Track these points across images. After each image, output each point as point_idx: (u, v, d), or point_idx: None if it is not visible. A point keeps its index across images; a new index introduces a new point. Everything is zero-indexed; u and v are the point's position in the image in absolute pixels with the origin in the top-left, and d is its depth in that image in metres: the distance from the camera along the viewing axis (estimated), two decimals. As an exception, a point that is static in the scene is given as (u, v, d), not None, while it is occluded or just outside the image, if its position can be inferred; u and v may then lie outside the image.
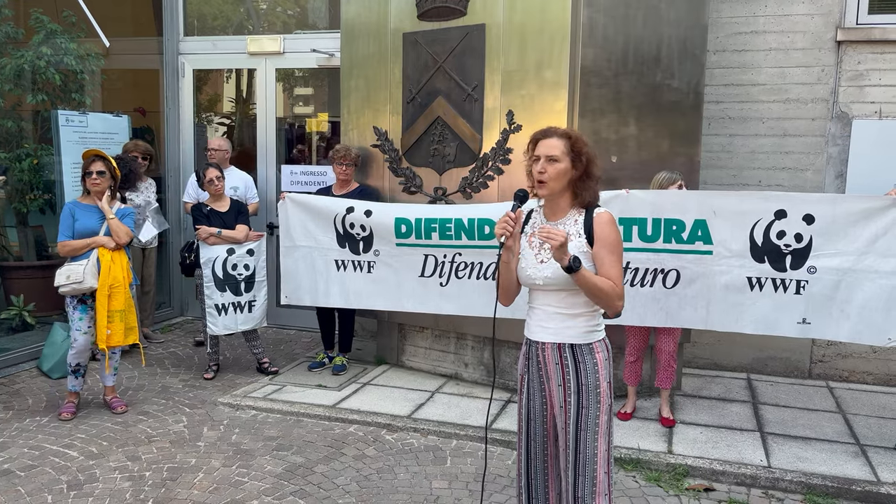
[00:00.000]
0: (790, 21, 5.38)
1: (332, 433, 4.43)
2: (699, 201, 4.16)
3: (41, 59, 6.12)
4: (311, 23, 7.29)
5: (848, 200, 3.98)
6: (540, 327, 2.60)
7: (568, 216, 2.58)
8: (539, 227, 2.55)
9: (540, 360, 2.61)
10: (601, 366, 2.55)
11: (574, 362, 2.54)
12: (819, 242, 3.96)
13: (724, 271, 4.13)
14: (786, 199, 4.03)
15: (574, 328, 2.55)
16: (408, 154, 5.30)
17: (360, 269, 4.99)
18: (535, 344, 2.62)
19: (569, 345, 2.55)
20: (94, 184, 4.53)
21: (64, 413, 4.58)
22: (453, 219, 4.58)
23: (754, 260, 4.07)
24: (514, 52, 4.73)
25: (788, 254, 4.01)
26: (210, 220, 5.27)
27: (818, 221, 3.94)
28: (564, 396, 2.55)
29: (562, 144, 2.50)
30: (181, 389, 5.19)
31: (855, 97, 5.30)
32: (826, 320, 4.01)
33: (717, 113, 5.57)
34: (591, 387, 2.52)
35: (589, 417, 2.52)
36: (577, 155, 2.50)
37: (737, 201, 4.12)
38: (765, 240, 4.03)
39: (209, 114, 7.92)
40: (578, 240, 2.52)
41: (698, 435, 4.36)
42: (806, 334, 4.11)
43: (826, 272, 3.97)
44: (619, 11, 4.62)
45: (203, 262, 5.24)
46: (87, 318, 4.55)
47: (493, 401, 4.89)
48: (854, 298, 3.93)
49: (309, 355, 5.99)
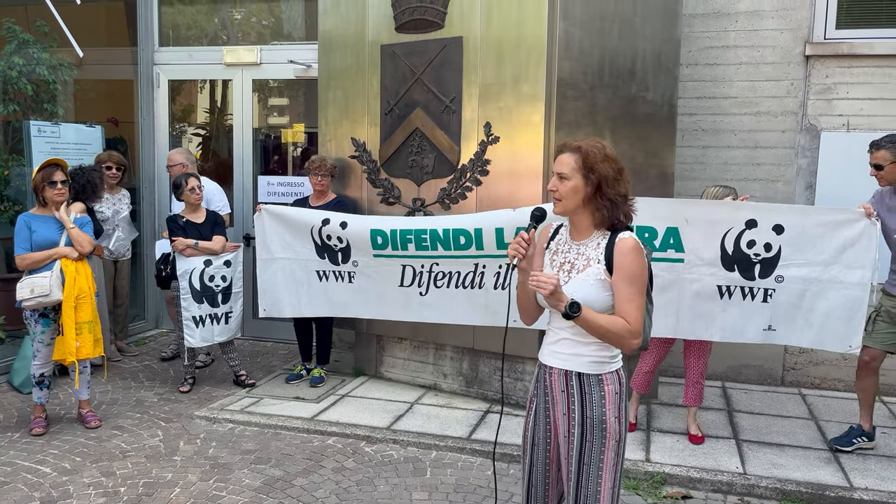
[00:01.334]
0: (760, 36, 5.51)
1: (311, 446, 4.40)
2: (672, 209, 4.18)
3: (13, 69, 6.04)
4: (286, 33, 7.29)
5: (817, 212, 4.08)
6: (550, 351, 2.47)
7: (591, 238, 2.40)
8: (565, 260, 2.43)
9: (547, 385, 2.47)
10: (609, 399, 2.37)
11: (580, 392, 2.39)
12: (788, 252, 4.03)
13: (696, 279, 4.17)
14: (757, 209, 4.10)
15: (584, 356, 2.39)
16: (386, 165, 5.31)
17: (341, 279, 4.98)
18: (544, 368, 2.49)
19: (576, 373, 2.39)
20: (60, 193, 4.45)
21: (35, 428, 4.49)
22: (428, 229, 4.59)
23: (725, 268, 4.12)
24: (491, 65, 4.78)
25: (758, 263, 4.07)
26: (186, 232, 5.22)
27: (788, 231, 4.00)
28: (569, 427, 2.41)
29: (572, 160, 2.33)
30: (156, 403, 5.12)
31: (823, 110, 5.43)
32: (791, 327, 4.10)
33: (691, 125, 5.67)
34: (597, 420, 2.36)
35: (593, 452, 2.37)
36: (589, 171, 2.31)
37: (709, 210, 4.16)
38: (735, 249, 4.09)
39: (184, 124, 7.86)
40: (597, 266, 2.34)
41: (675, 443, 4.41)
42: (770, 340, 4.18)
43: (793, 281, 4.04)
44: (595, 25, 4.69)
45: (180, 274, 5.19)
46: (50, 331, 4.47)
47: (471, 411, 4.91)
48: (818, 307, 4.03)
49: (286, 367, 5.95)
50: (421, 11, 5.01)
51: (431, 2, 4.97)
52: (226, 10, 7.45)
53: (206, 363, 6.05)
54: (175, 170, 5.86)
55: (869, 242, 3.89)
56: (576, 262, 2.40)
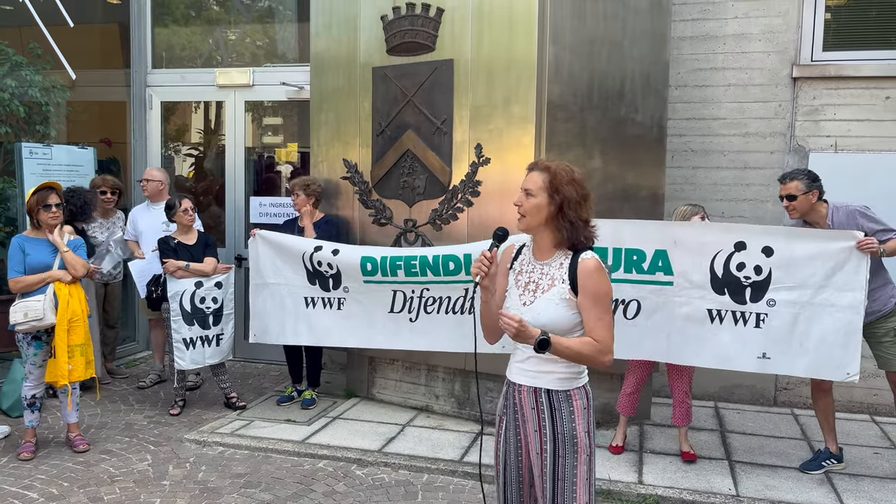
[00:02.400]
0: (748, 58, 5.57)
1: (302, 469, 4.36)
2: (660, 231, 4.16)
3: (5, 91, 6.04)
4: (280, 54, 7.34)
5: (806, 234, 4.03)
6: (518, 369, 2.51)
7: (554, 258, 2.45)
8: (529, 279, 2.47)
9: (516, 403, 2.52)
10: (578, 414, 2.43)
11: (550, 409, 2.44)
12: (778, 275, 3.97)
13: (685, 302, 4.13)
14: (746, 231, 4.07)
15: (552, 373, 2.44)
16: (378, 186, 5.32)
17: (329, 305, 4.97)
18: (513, 385, 2.53)
19: (545, 390, 2.44)
20: (55, 216, 4.45)
21: (23, 453, 4.45)
22: (418, 256, 4.61)
23: (714, 292, 4.07)
24: (482, 88, 4.81)
25: (748, 286, 4.01)
26: (177, 253, 5.21)
27: (777, 254, 3.96)
28: (541, 443, 2.45)
29: (540, 179, 2.40)
30: (146, 426, 5.08)
31: (811, 131, 5.49)
32: (785, 355, 3.99)
33: (680, 146, 5.71)
34: (568, 436, 2.42)
35: (566, 467, 2.42)
36: (554, 191, 2.37)
37: (697, 232, 4.13)
38: (725, 271, 4.04)
39: (177, 144, 7.88)
40: (561, 286, 2.39)
41: (668, 464, 4.39)
42: (765, 369, 4.09)
43: (785, 305, 3.97)
44: (584, 48, 4.74)
45: (170, 296, 5.17)
46: (42, 353, 4.45)
47: (464, 433, 4.88)
48: (812, 332, 3.93)
49: (277, 389, 5.91)
50: (412, 34, 5.05)
51: (422, 25, 5.01)
52: (220, 31, 7.50)
53: (197, 384, 6.01)
54: (151, 185, 5.92)
55: (859, 264, 3.84)
56: (540, 281, 2.44)
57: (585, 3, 4.72)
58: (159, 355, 6.21)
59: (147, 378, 6.09)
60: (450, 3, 4.91)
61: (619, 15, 4.82)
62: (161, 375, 6.14)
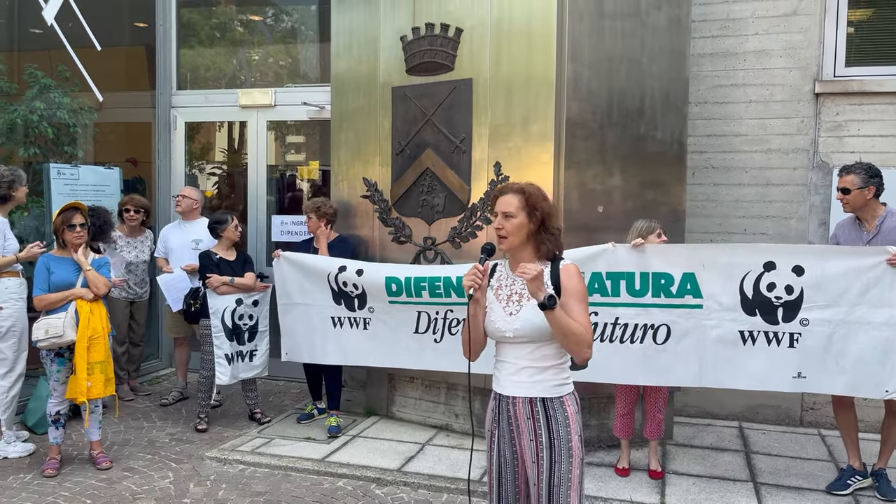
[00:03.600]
0: (769, 74, 5.53)
1: (321, 488, 4.36)
2: (687, 255, 4.16)
3: (34, 113, 6.19)
4: (302, 74, 7.43)
5: (837, 251, 3.99)
6: (510, 381, 2.59)
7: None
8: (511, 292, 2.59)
9: (510, 415, 2.60)
10: (572, 419, 2.55)
11: (546, 417, 2.54)
12: (810, 294, 3.93)
13: (716, 325, 4.10)
14: (774, 251, 4.04)
15: (544, 382, 2.55)
16: (397, 205, 5.35)
17: (356, 325, 5.00)
18: (506, 399, 2.61)
19: (540, 399, 2.54)
20: (79, 236, 4.53)
21: (47, 469, 4.50)
22: (442, 277, 4.61)
23: (745, 313, 4.04)
24: (500, 106, 4.83)
25: (780, 306, 3.98)
26: (220, 269, 5.29)
27: (808, 273, 3.92)
28: (537, 452, 2.54)
29: (516, 200, 2.55)
30: (168, 443, 5.11)
31: (835, 147, 5.42)
32: (821, 374, 3.95)
33: (701, 163, 5.67)
34: (563, 441, 2.52)
35: (562, 472, 2.52)
36: (532, 209, 2.54)
37: (725, 254, 4.11)
38: (755, 292, 4.02)
39: (201, 163, 7.99)
40: (547, 291, 2.51)
41: (691, 486, 4.32)
42: (802, 389, 4.06)
43: (819, 324, 3.93)
44: (603, 66, 4.74)
45: (212, 312, 5.24)
46: (65, 370, 4.52)
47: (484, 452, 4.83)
48: (849, 350, 3.89)
49: (298, 407, 5.93)
50: (431, 54, 5.10)
51: (441, 45, 5.06)
52: (243, 52, 7.63)
53: (219, 402, 6.04)
54: (186, 202, 6.01)
55: (893, 280, 3.79)
56: (523, 291, 2.56)
57: (604, 21, 4.73)
58: (182, 372, 6.27)
59: (170, 395, 6.14)
60: (468, 22, 4.95)
61: (638, 33, 4.83)
62: (183, 392, 6.19)
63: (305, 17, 7.62)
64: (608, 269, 4.23)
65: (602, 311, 4.27)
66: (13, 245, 4.82)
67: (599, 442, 4.93)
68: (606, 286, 4.25)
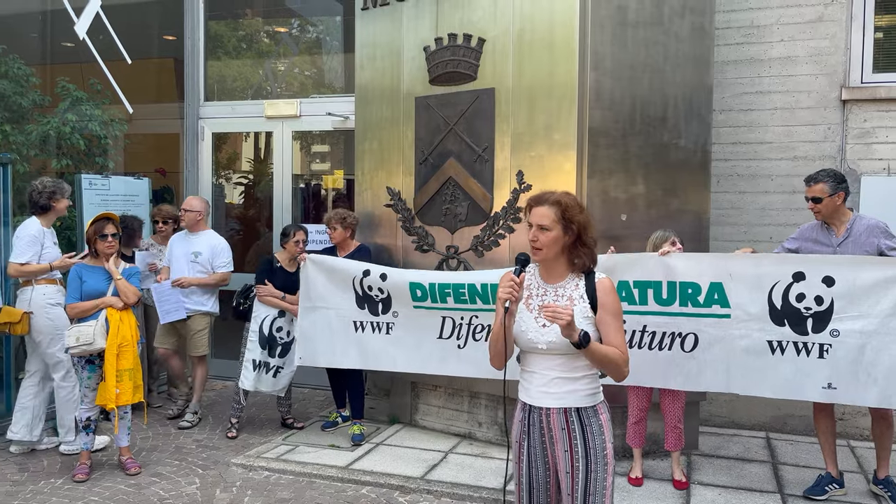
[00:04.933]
0: (794, 81, 5.48)
1: (345, 495, 4.39)
2: (714, 264, 4.13)
3: (66, 125, 6.34)
4: (327, 84, 7.52)
5: (868, 262, 3.92)
6: (542, 392, 2.57)
7: (567, 280, 2.60)
8: (543, 303, 2.55)
9: (543, 426, 2.58)
10: (605, 427, 2.56)
11: (581, 426, 2.54)
12: (841, 305, 3.88)
13: (744, 335, 4.07)
14: (804, 262, 3.99)
15: (579, 391, 2.55)
16: (420, 213, 5.39)
17: (378, 330, 5.02)
18: (538, 409, 2.59)
19: (575, 409, 2.54)
20: (110, 246, 4.63)
21: (78, 475, 4.59)
22: (466, 283, 4.63)
23: (774, 323, 4.00)
24: (523, 115, 4.85)
25: (809, 317, 3.94)
26: (275, 275, 5.38)
27: (839, 284, 3.87)
28: (571, 462, 2.53)
29: (552, 213, 2.51)
30: (194, 450, 5.18)
31: (862, 154, 5.36)
32: (852, 385, 3.89)
33: (726, 170, 5.63)
34: (599, 450, 2.53)
35: (597, 481, 2.52)
36: (568, 223, 2.51)
37: (753, 264, 4.08)
38: (784, 303, 3.98)
39: (228, 172, 8.12)
40: (583, 304, 2.54)
41: (717, 497, 4.28)
42: (831, 399, 4.01)
43: (850, 335, 3.87)
44: (625, 74, 4.74)
45: (254, 317, 5.35)
46: (95, 377, 4.61)
47: (507, 461, 4.84)
48: (881, 361, 3.82)
49: (322, 414, 5.98)
50: (454, 64, 5.14)
51: (464, 55, 5.10)
52: (269, 63, 7.75)
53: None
54: (189, 216, 5.73)
55: None
56: (556, 302, 2.56)
57: (626, 30, 4.73)
58: (184, 381, 6.16)
59: (174, 407, 6.04)
60: (491, 32, 4.98)
61: (661, 41, 4.82)
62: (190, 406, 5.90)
63: (330, 29, 7.73)
64: (635, 278, 4.22)
65: (630, 318, 4.25)
66: (50, 254, 4.95)
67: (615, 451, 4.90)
68: (634, 295, 4.25)
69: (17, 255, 4.83)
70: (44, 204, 4.95)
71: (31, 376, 5.08)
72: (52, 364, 4.97)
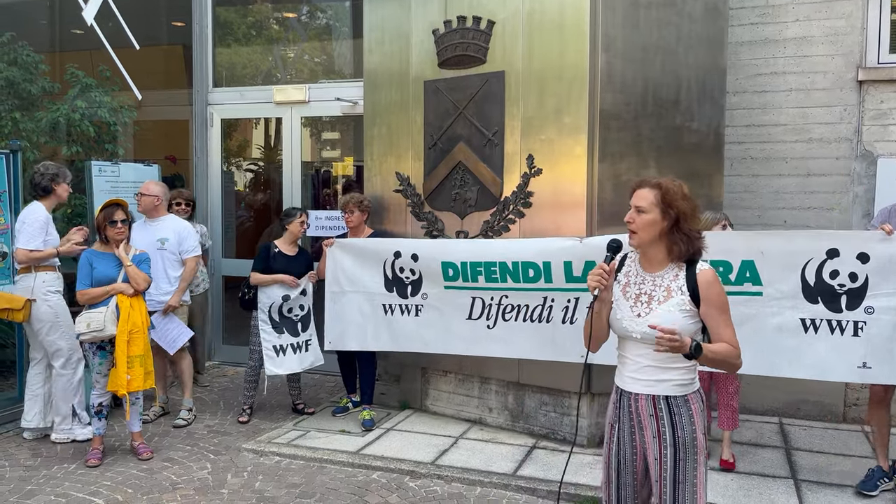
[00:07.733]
0: (810, 62, 5.39)
1: (356, 480, 4.40)
2: (745, 242, 4.07)
3: (76, 112, 6.34)
4: (336, 70, 7.48)
5: None
6: (632, 378, 2.57)
7: (667, 270, 2.54)
8: (640, 291, 2.53)
9: (632, 411, 2.58)
10: (697, 417, 2.52)
11: (669, 414, 2.51)
12: (875, 281, 3.81)
13: (776, 312, 4.00)
14: (838, 238, 3.93)
15: (670, 381, 2.51)
16: (430, 199, 5.35)
17: (407, 312, 5.01)
18: (628, 394, 2.59)
19: (664, 397, 2.52)
20: (120, 232, 4.64)
21: (91, 460, 4.62)
22: (497, 262, 4.60)
23: (807, 301, 3.94)
24: (533, 98, 4.80)
25: (843, 294, 3.87)
26: (275, 261, 5.36)
27: (873, 260, 3.80)
28: (660, 448, 2.52)
29: (651, 196, 2.47)
30: (206, 435, 5.21)
31: (879, 136, 5.27)
32: (888, 364, 3.82)
33: (740, 153, 5.56)
34: (689, 438, 2.50)
35: (686, 470, 2.50)
36: (668, 206, 2.45)
37: (785, 241, 4.02)
38: (817, 280, 3.91)
39: (237, 159, 8.11)
40: (681, 296, 2.48)
41: (729, 482, 4.25)
42: (866, 379, 3.95)
43: (885, 312, 3.80)
44: (637, 56, 4.67)
45: (259, 306, 5.35)
46: (107, 363, 4.63)
47: (517, 446, 4.83)
48: None
49: (333, 400, 5.99)
50: (463, 47, 5.08)
51: (473, 38, 5.04)
52: (278, 49, 7.71)
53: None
54: (146, 200, 5.42)
55: None
56: (653, 293, 2.51)
57: (638, 11, 4.66)
58: (162, 385, 5.69)
59: (150, 411, 5.55)
60: (501, 15, 4.92)
61: (674, 22, 4.75)
62: (164, 408, 5.71)
63: (339, 14, 7.67)
64: None
65: None
66: (54, 240, 4.95)
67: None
68: None
69: (27, 240, 4.82)
70: (45, 185, 4.95)
71: (37, 364, 5.10)
72: (52, 352, 4.97)
